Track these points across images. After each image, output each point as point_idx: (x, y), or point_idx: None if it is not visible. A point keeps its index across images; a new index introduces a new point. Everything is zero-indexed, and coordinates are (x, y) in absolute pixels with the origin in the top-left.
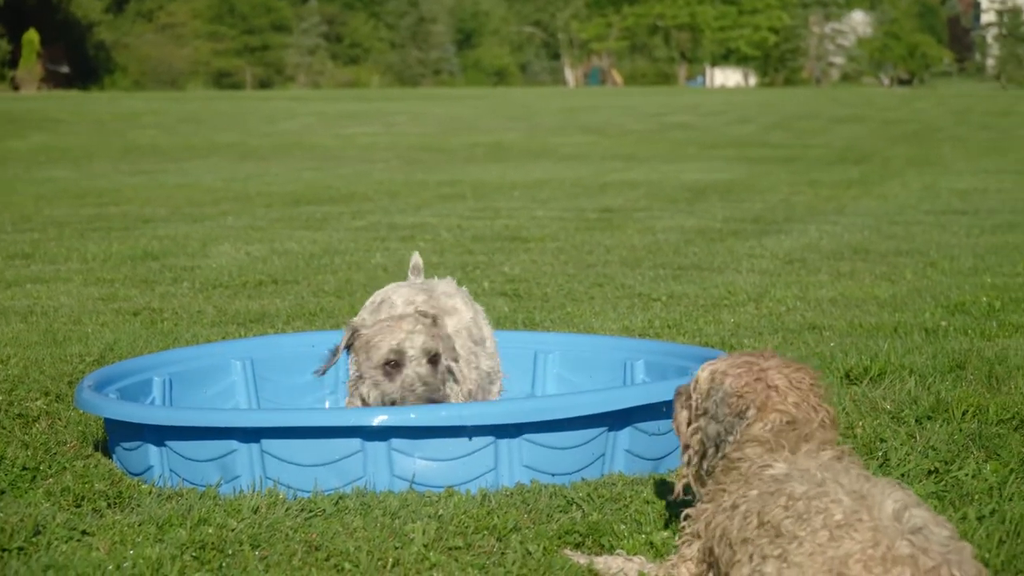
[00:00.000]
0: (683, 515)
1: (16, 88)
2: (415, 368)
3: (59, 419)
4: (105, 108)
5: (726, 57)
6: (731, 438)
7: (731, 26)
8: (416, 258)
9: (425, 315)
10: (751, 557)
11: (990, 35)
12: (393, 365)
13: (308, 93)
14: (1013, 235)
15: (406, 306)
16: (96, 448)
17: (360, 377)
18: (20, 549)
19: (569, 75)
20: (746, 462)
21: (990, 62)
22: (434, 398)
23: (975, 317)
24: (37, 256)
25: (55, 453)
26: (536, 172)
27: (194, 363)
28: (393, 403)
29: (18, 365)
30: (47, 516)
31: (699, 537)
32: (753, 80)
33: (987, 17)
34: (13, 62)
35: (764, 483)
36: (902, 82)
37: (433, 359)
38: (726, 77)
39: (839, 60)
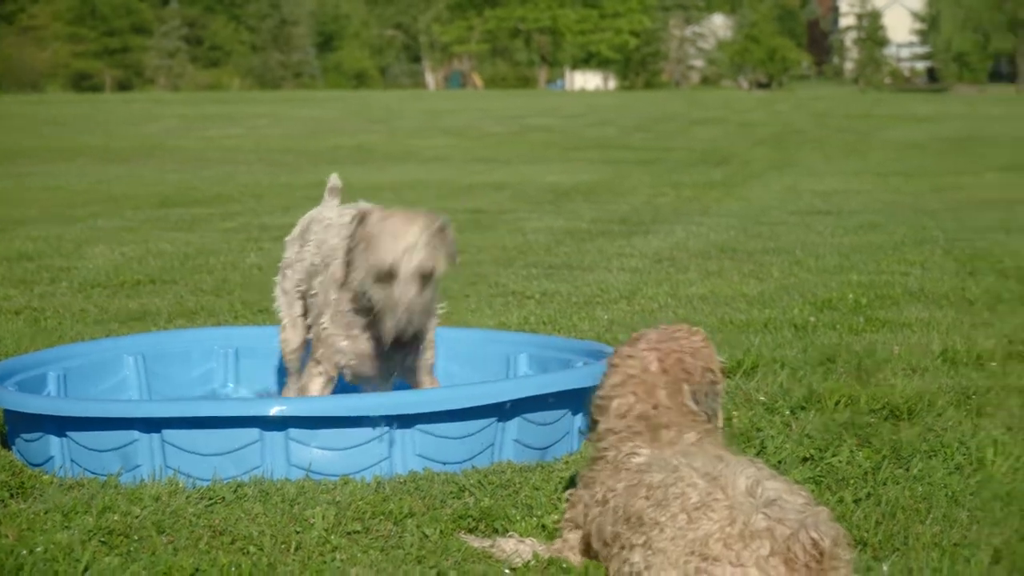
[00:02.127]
0: (565, 499)
1: None
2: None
3: None
4: None
5: (587, 60)
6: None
7: (592, 29)
8: (334, 179)
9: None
10: (620, 549)
11: (849, 39)
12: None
13: (169, 96)
14: (875, 235)
15: (339, 217)
16: None
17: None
18: None
19: (430, 78)
20: (611, 451)
21: (849, 65)
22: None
23: (842, 313)
24: None
25: None
26: (401, 174)
27: (87, 358)
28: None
29: None
30: None
31: (579, 526)
32: (612, 83)
33: (846, 21)
34: None
35: (629, 474)
36: (761, 85)
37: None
38: (586, 80)
39: (699, 63)
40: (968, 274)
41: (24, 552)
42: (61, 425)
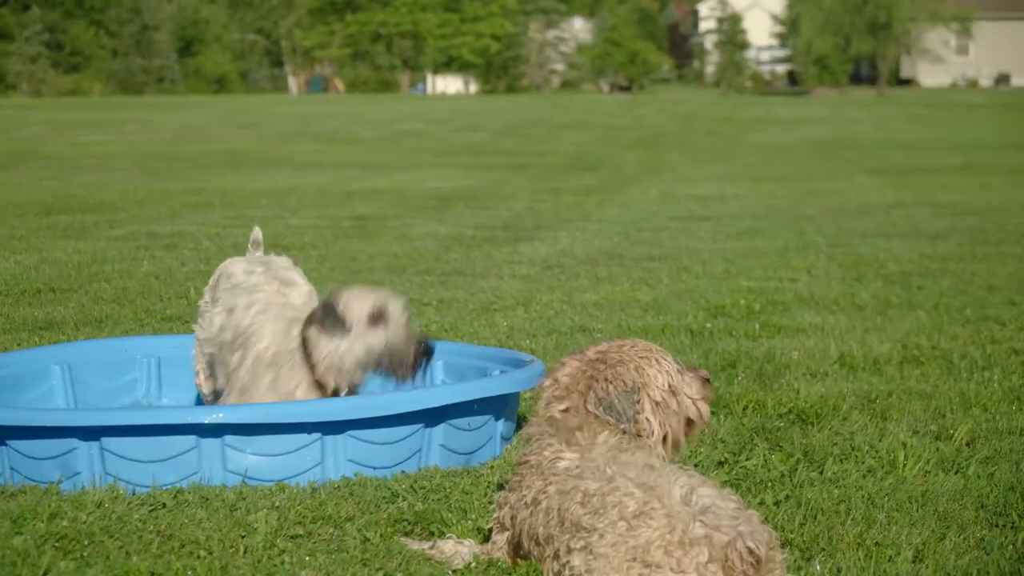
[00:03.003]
0: (495, 501)
1: None
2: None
3: None
4: None
5: (448, 64)
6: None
7: (453, 34)
8: (257, 232)
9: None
10: (557, 553)
11: (709, 42)
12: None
13: (33, 101)
14: (758, 240)
15: (247, 275)
16: None
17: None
18: None
19: (292, 83)
20: (534, 455)
21: (710, 69)
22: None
23: (736, 319)
24: None
25: None
26: (277, 180)
27: (13, 368)
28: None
29: None
30: None
31: (506, 528)
32: (474, 87)
33: (706, 24)
34: None
35: (559, 478)
36: (622, 88)
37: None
38: (447, 84)
39: (560, 67)
40: (854, 279)
41: None
42: (1, 434)
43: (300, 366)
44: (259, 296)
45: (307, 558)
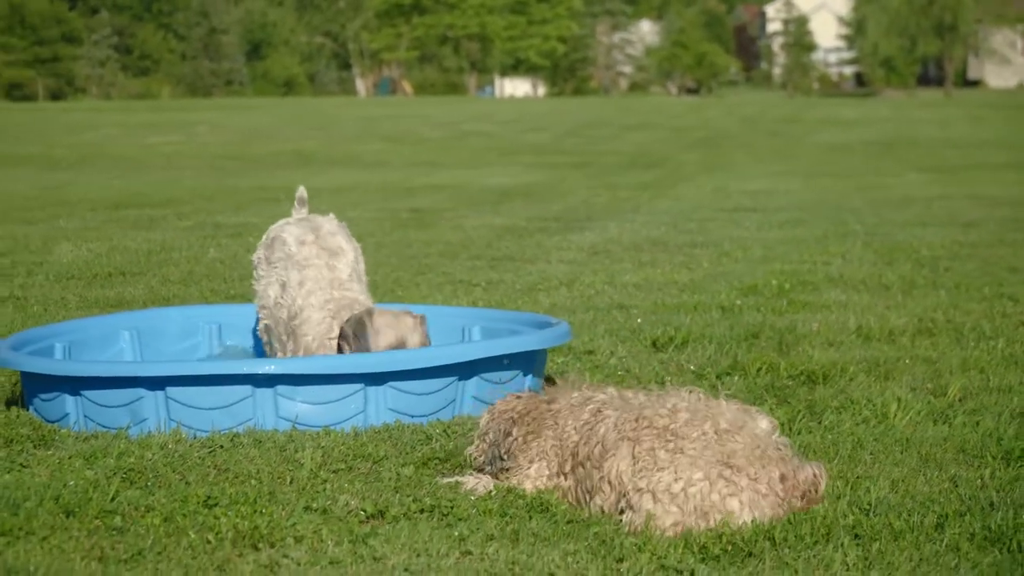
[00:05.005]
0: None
1: None
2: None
3: None
4: None
5: (516, 67)
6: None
7: (520, 36)
8: (302, 191)
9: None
10: (635, 451)
11: (776, 44)
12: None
13: (103, 104)
14: (799, 229)
15: (298, 245)
16: (8, 405)
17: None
18: None
19: (360, 85)
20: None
21: (777, 71)
22: None
23: (766, 297)
24: None
25: None
26: (342, 178)
27: (88, 332)
28: None
29: None
30: None
31: (547, 457)
32: (542, 90)
33: (773, 26)
34: None
35: (612, 403)
36: (690, 91)
37: None
38: (515, 87)
39: (627, 69)
40: (886, 263)
41: (59, 485)
42: (76, 385)
43: None
44: (309, 273)
45: (346, 486)
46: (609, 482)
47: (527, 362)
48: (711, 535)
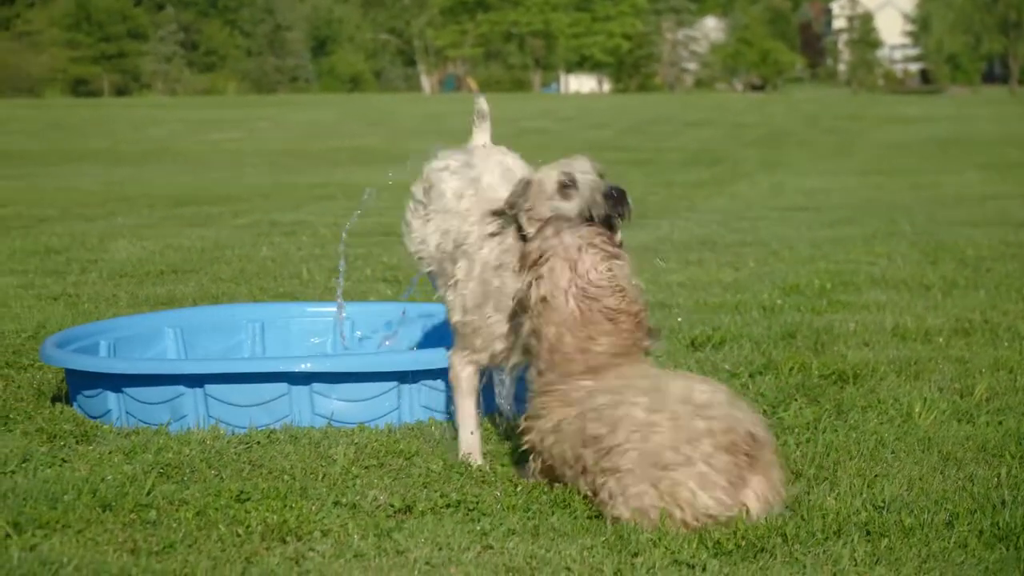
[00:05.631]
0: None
1: None
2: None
3: (13, 381)
4: None
5: (580, 64)
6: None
7: (585, 33)
8: (482, 104)
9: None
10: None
11: (841, 41)
12: (567, 186)
13: (169, 100)
14: (848, 228)
15: (456, 199)
16: (53, 401)
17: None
18: (13, 472)
19: (425, 82)
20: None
21: (842, 67)
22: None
23: (807, 296)
24: None
25: (18, 407)
26: (401, 174)
27: (133, 330)
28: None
29: None
30: (30, 448)
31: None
32: (607, 86)
33: (838, 23)
34: None
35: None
36: (755, 88)
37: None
38: (580, 84)
39: (692, 66)
40: (930, 263)
41: (96, 480)
42: (118, 382)
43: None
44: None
45: (376, 481)
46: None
47: None
48: (726, 531)
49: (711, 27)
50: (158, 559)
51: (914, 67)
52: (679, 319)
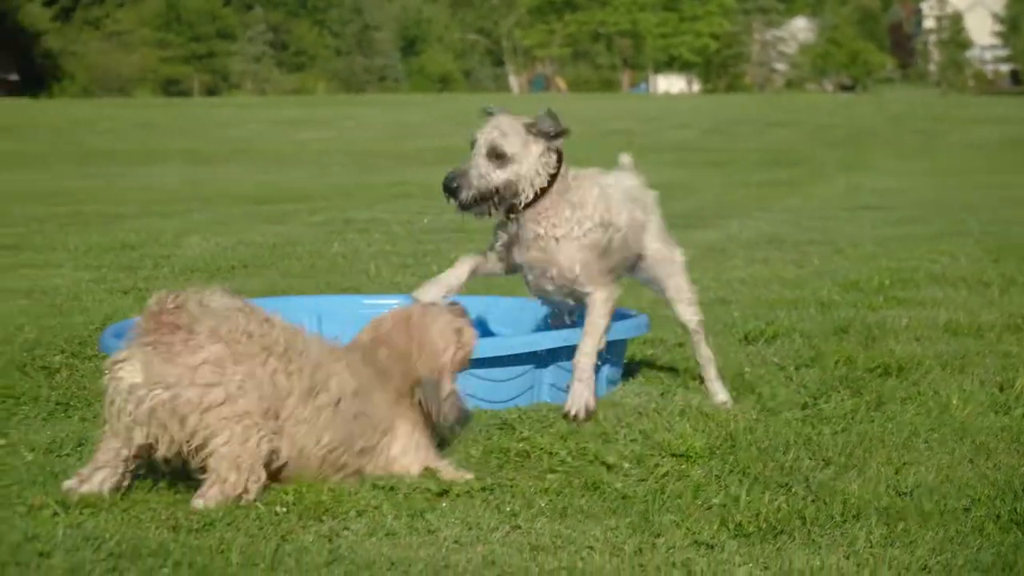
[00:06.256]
0: None
1: None
2: (473, 153)
3: (77, 371)
4: (58, 114)
5: (669, 64)
6: None
7: (673, 33)
8: (625, 158)
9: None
10: None
11: (931, 41)
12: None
13: (256, 100)
14: (916, 227)
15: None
16: None
17: None
18: (67, 455)
19: (513, 82)
20: None
21: (932, 68)
22: (447, 179)
23: (865, 293)
24: (24, 247)
25: (80, 394)
26: None
27: None
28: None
29: (33, 331)
30: (86, 433)
31: None
32: (697, 87)
33: (929, 23)
34: None
35: None
36: (845, 88)
37: (497, 156)
38: (670, 84)
39: (782, 67)
40: (992, 261)
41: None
42: None
43: None
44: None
45: None
46: None
47: (606, 352)
48: (748, 514)
49: (800, 27)
50: (196, 536)
51: (1005, 68)
52: (735, 314)
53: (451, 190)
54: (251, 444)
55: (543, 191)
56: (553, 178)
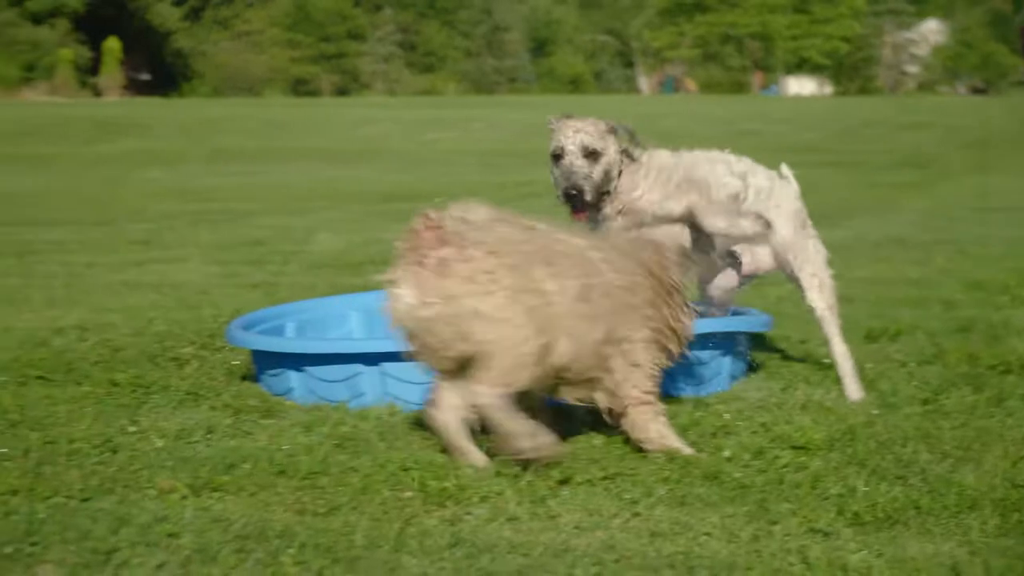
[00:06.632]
0: None
1: (98, 95)
2: (570, 159)
3: (207, 362)
4: (189, 114)
5: (799, 66)
6: None
7: (803, 35)
8: (784, 169)
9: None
10: None
11: None
12: (557, 157)
13: (386, 100)
14: None
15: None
16: (242, 379)
17: None
18: (197, 442)
19: (643, 83)
20: None
21: None
22: (568, 187)
23: (989, 293)
24: (155, 243)
25: (209, 384)
26: None
27: (318, 312)
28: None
29: (163, 323)
30: (215, 421)
31: None
32: (828, 89)
33: None
34: (94, 69)
35: None
36: (977, 91)
37: (590, 155)
38: (801, 86)
39: (914, 69)
40: None
41: (274, 448)
42: (299, 361)
43: None
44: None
45: None
46: None
47: (726, 345)
48: (865, 503)
49: (932, 29)
50: (322, 519)
51: None
52: (859, 312)
53: (575, 196)
54: (526, 349)
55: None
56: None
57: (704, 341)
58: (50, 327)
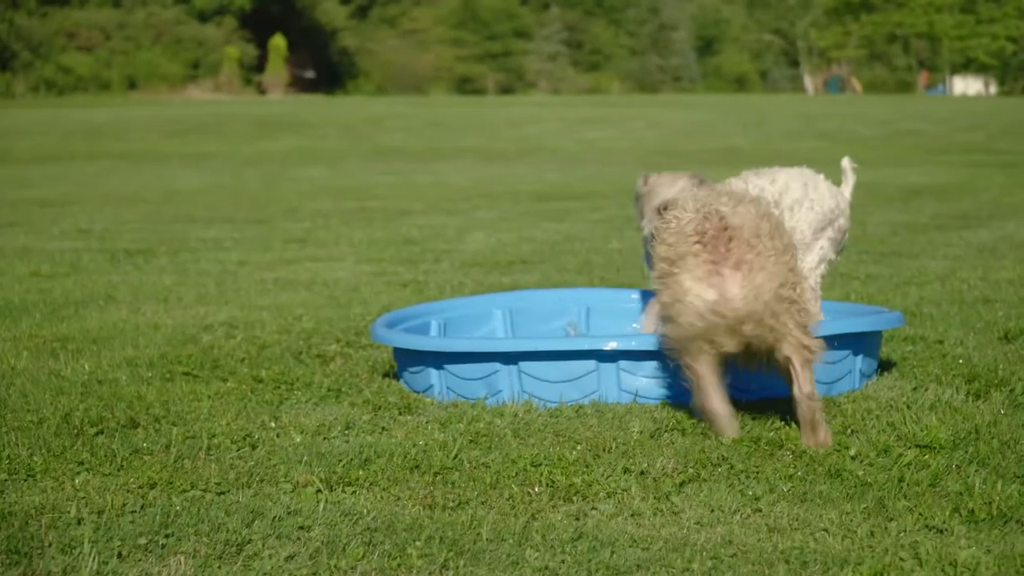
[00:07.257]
0: None
1: (263, 92)
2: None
3: (351, 359)
4: (352, 112)
5: (965, 66)
6: None
7: (969, 35)
8: (846, 162)
9: (698, 177)
10: None
11: None
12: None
13: (550, 99)
14: None
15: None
16: (384, 376)
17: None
18: (334, 437)
19: (808, 83)
20: None
21: None
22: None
23: None
24: (310, 241)
25: (352, 381)
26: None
27: (463, 311)
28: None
29: (311, 321)
30: (354, 417)
31: None
32: (994, 89)
33: None
34: (259, 67)
35: None
36: None
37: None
38: (967, 85)
39: None
40: None
41: (409, 445)
42: (440, 359)
43: None
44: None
45: (667, 451)
46: None
47: (857, 343)
48: (981, 501)
49: None
50: (450, 513)
51: None
52: (999, 313)
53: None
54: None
55: None
56: None
57: (833, 340)
58: (199, 324)
